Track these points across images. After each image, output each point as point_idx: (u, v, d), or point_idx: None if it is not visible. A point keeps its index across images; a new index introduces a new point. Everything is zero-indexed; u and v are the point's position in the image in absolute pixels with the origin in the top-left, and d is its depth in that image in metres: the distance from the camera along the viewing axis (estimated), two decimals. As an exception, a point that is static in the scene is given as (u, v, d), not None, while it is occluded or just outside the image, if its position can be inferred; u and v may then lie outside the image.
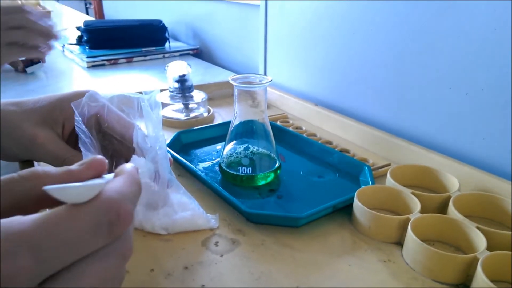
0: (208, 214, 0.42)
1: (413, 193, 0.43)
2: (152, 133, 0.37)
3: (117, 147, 0.42)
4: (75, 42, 1.28)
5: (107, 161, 0.24)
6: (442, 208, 0.44)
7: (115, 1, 2.15)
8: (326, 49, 0.74)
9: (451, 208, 0.41)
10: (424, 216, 0.39)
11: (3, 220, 0.18)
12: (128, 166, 0.25)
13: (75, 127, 0.35)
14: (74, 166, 0.23)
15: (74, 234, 0.19)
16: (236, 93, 0.49)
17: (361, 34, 0.66)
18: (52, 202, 0.19)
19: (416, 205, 0.41)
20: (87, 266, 0.19)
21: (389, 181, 0.46)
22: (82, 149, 0.34)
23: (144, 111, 0.36)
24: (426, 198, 0.43)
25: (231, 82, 0.48)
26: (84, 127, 0.35)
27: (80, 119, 0.36)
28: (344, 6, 0.68)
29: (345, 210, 0.44)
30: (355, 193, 0.43)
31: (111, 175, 0.24)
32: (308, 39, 0.78)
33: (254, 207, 0.45)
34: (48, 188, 0.18)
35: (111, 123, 0.35)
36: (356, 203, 0.42)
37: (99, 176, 0.24)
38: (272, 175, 0.50)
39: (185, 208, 0.41)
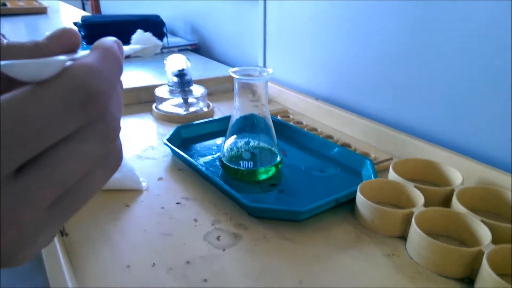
0: (139, 177, 0.47)
1: (416, 187, 0.43)
2: None
3: None
4: None
5: (78, 33, 0.21)
6: (446, 202, 0.43)
7: (112, -3, 2.14)
8: (326, 43, 0.73)
9: (455, 201, 0.41)
10: (428, 209, 0.39)
11: None
12: (108, 39, 0.21)
13: None
14: (42, 39, 0.20)
15: (41, 117, 0.17)
16: (236, 87, 0.49)
17: (361, 29, 0.66)
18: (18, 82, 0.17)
19: (420, 198, 0.41)
20: (66, 148, 0.18)
21: (392, 175, 0.46)
22: None
23: None
24: (430, 192, 0.43)
25: (232, 74, 0.47)
26: None
27: None
28: (343, 0, 0.67)
29: (348, 204, 0.44)
30: (358, 187, 0.43)
31: (87, 51, 0.20)
32: (307, 33, 0.77)
33: (255, 202, 0.45)
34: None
35: None
36: (359, 197, 0.41)
37: (72, 51, 0.20)
38: (273, 170, 0.50)
39: (119, 170, 0.44)
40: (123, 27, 1.21)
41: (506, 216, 0.42)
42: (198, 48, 1.28)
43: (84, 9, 3.05)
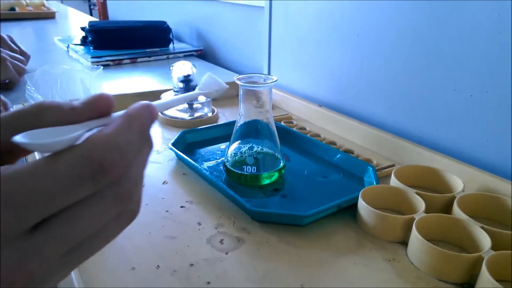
0: None
1: (417, 193, 0.43)
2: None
3: None
4: (79, 42, 1.28)
5: (112, 98, 0.23)
6: (447, 209, 0.44)
7: (119, 3, 2.16)
8: (330, 50, 0.74)
9: (455, 208, 0.41)
10: (428, 215, 0.40)
11: None
12: (138, 105, 0.22)
13: (26, 95, 0.39)
14: (77, 104, 0.22)
15: (54, 187, 0.18)
16: (241, 93, 0.49)
17: (365, 36, 0.66)
18: None
19: (421, 205, 0.42)
20: (78, 210, 0.19)
21: (394, 181, 0.47)
22: None
23: (82, 85, 0.38)
24: (431, 198, 0.43)
25: (237, 81, 0.48)
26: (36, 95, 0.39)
27: (34, 88, 0.39)
28: (348, 8, 0.68)
29: (350, 209, 0.44)
30: (360, 193, 0.43)
31: (120, 113, 0.22)
32: (312, 40, 0.78)
33: (258, 206, 0.45)
34: (16, 139, 0.18)
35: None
36: (361, 202, 0.42)
37: (106, 115, 0.22)
38: (276, 175, 0.50)
39: None
40: (130, 33, 1.22)
41: (506, 223, 0.43)
42: (203, 54, 1.30)
43: (91, 14, 3.09)
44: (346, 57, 0.71)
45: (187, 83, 0.72)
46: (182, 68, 0.72)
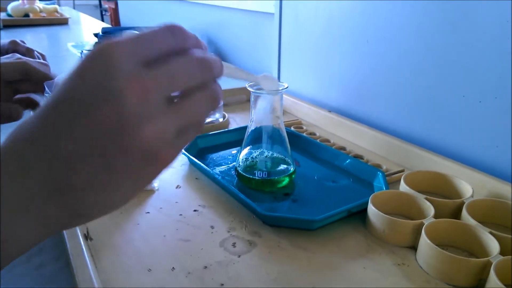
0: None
1: (427, 199, 0.44)
2: None
3: None
4: (92, 48, 1.31)
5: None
6: (456, 214, 0.44)
7: (130, 9, 2.19)
8: (340, 56, 0.75)
9: (464, 213, 0.42)
10: (438, 221, 0.40)
11: None
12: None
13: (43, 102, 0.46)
14: None
15: (187, 69, 0.25)
16: (252, 99, 0.51)
17: (374, 42, 0.67)
18: None
19: (430, 210, 0.42)
20: (191, 97, 0.26)
21: (403, 186, 0.47)
22: None
23: None
24: (440, 204, 0.44)
25: (248, 88, 0.49)
26: None
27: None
28: (358, 14, 0.69)
29: (360, 214, 0.45)
30: (370, 198, 0.44)
31: None
32: (321, 46, 0.79)
33: (269, 210, 0.46)
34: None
35: None
36: (371, 207, 0.43)
37: None
38: (287, 179, 0.51)
39: None
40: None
41: (515, 228, 0.43)
42: (213, 59, 1.31)
43: (103, 20, 3.13)
44: (356, 63, 0.72)
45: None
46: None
